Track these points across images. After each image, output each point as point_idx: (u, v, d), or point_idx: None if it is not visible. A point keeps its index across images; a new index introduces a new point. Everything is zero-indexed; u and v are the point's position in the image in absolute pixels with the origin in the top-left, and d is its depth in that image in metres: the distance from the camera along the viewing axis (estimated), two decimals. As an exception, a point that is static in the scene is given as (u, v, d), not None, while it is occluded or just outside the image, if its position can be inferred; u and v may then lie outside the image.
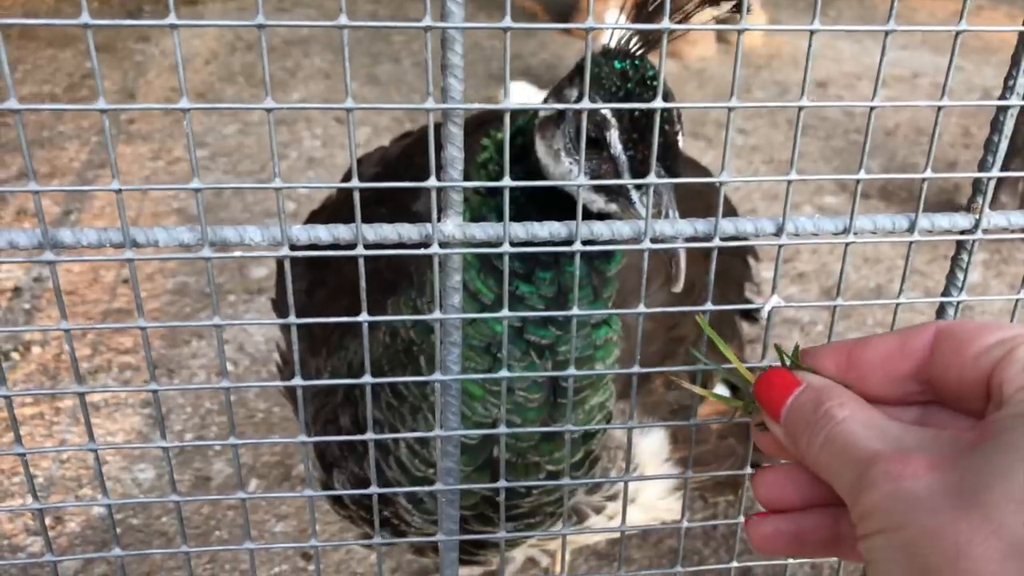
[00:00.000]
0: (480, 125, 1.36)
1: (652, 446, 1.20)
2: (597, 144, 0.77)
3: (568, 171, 0.81)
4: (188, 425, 2.24)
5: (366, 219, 0.60)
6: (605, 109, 0.72)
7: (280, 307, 1.48)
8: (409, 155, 1.39)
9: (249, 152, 3.65)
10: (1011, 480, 0.40)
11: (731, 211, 1.68)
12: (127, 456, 2.13)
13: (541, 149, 0.82)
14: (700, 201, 1.31)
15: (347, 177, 1.60)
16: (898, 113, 4.22)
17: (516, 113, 0.87)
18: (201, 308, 2.71)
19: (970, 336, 0.49)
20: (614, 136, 0.76)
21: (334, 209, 1.36)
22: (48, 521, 1.94)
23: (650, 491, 1.21)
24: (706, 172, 1.64)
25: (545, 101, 0.84)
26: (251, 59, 4.61)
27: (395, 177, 1.38)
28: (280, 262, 0.59)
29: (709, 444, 1.25)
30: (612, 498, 1.22)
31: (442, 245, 0.62)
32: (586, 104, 0.58)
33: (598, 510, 1.21)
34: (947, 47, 0.60)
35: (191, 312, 2.69)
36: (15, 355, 2.46)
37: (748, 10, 0.58)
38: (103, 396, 2.32)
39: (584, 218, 0.76)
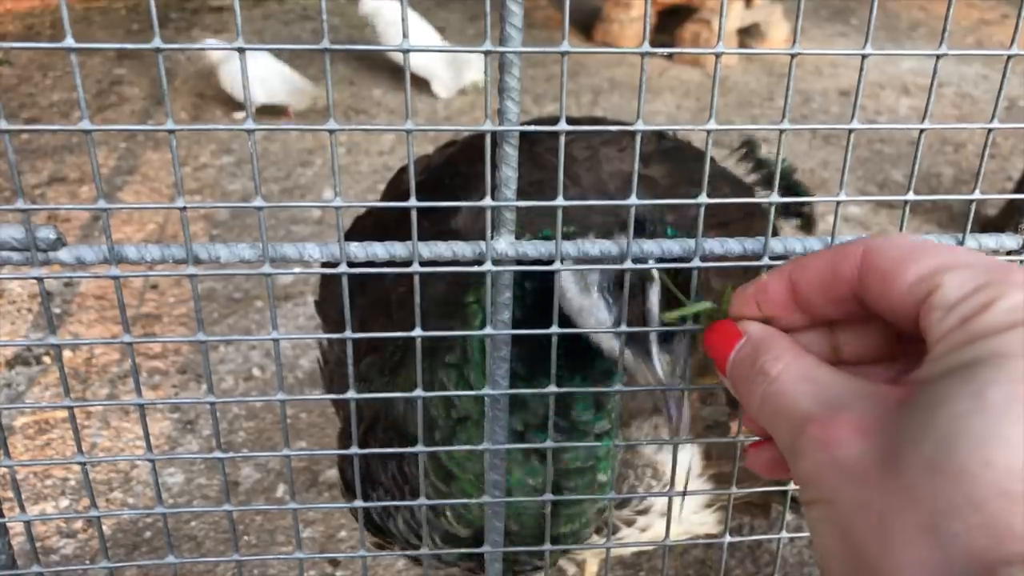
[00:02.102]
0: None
1: (685, 461, 1.20)
2: (631, 293, 0.75)
3: (596, 305, 0.78)
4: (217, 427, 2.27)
5: (406, 235, 0.61)
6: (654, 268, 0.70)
7: (324, 309, 1.50)
8: (453, 163, 1.40)
9: (275, 159, 3.69)
10: (924, 445, 0.37)
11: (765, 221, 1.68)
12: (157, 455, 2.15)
13: (569, 277, 0.79)
14: (741, 217, 1.32)
15: (392, 185, 1.62)
16: (922, 122, 4.19)
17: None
18: (229, 313, 2.74)
19: (894, 268, 0.45)
20: (654, 292, 0.72)
21: (379, 215, 1.38)
22: (79, 524, 1.97)
23: (683, 505, 1.21)
24: (747, 188, 1.64)
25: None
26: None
27: (439, 185, 1.39)
28: (326, 265, 0.60)
29: (742, 462, 1.25)
30: (643, 512, 1.22)
31: (495, 263, 0.63)
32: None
33: (629, 523, 1.22)
34: (972, 56, 0.60)
35: (218, 318, 2.72)
36: (46, 359, 2.49)
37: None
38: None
39: (587, 355, 0.77)
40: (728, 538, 0.77)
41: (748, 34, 5.10)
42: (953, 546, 0.35)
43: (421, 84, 4.37)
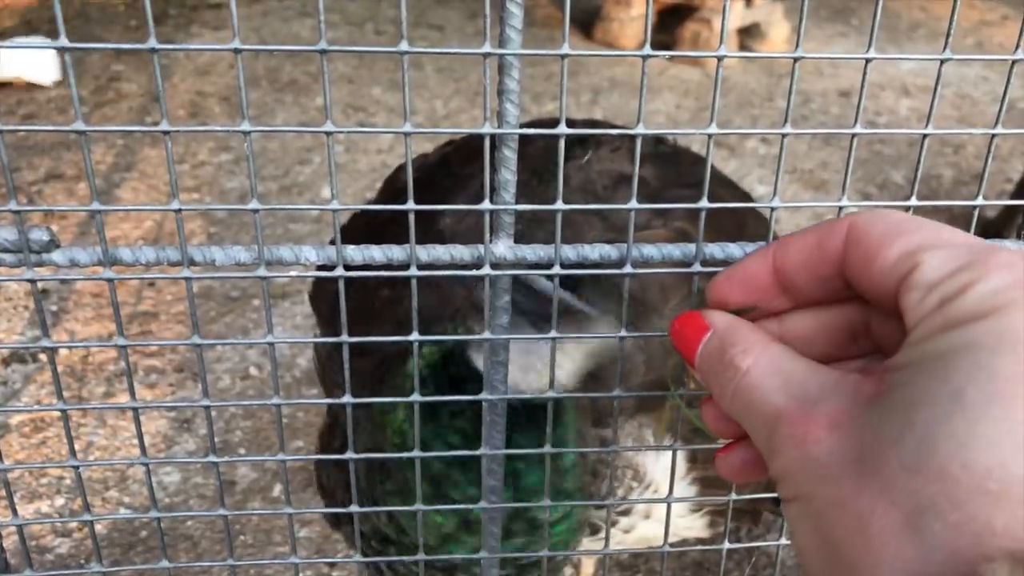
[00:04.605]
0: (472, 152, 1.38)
1: (668, 463, 1.19)
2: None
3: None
4: (212, 429, 2.26)
5: (398, 232, 0.61)
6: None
7: (317, 304, 1.50)
8: (447, 163, 1.40)
9: (273, 156, 3.68)
10: (903, 446, 0.37)
11: (760, 224, 1.68)
12: (152, 458, 2.14)
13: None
14: (734, 220, 1.31)
15: (388, 183, 1.62)
16: (922, 123, 4.19)
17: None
18: (226, 312, 2.73)
19: (876, 245, 0.44)
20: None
21: (373, 214, 1.38)
22: (74, 523, 1.96)
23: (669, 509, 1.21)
24: (747, 196, 1.63)
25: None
26: (274, 63, 4.65)
27: (430, 184, 1.39)
28: (322, 268, 0.61)
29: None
30: (625, 513, 1.22)
31: (493, 266, 0.63)
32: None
33: (612, 523, 1.21)
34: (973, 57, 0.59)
35: (215, 316, 2.71)
36: (43, 356, 2.48)
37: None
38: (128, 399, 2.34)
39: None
40: (727, 544, 0.76)
41: (748, 34, 5.09)
42: (934, 544, 0.35)
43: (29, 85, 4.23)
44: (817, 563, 0.41)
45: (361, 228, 1.39)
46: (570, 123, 0.58)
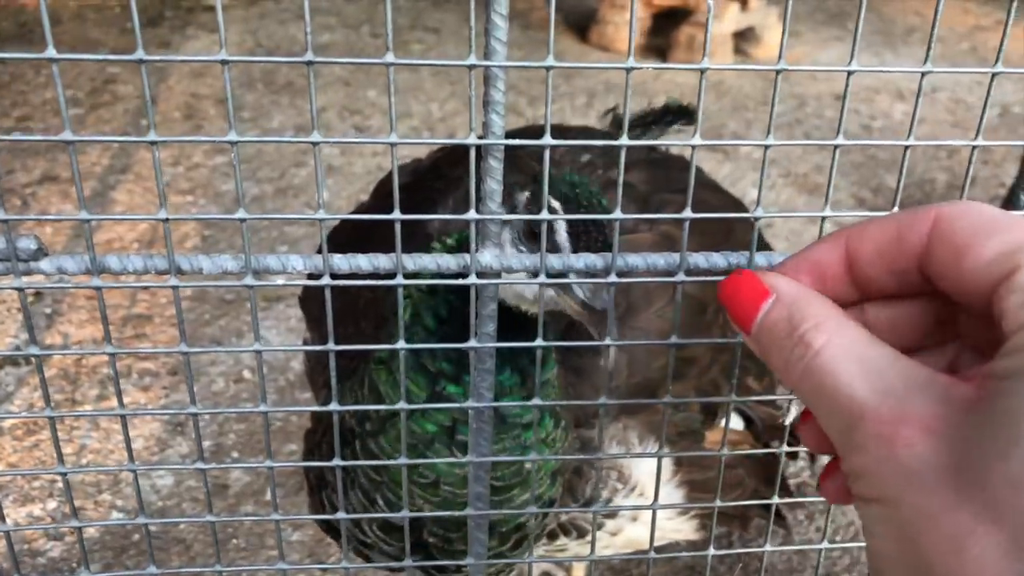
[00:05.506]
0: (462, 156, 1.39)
1: (653, 466, 1.20)
2: (536, 236, 0.81)
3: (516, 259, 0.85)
4: (206, 432, 2.26)
5: (386, 233, 0.61)
6: (555, 202, 0.79)
7: (307, 306, 1.51)
8: (437, 167, 1.41)
9: (268, 159, 3.68)
10: (1010, 460, 0.34)
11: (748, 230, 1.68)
12: (145, 462, 2.14)
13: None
14: (721, 224, 1.32)
15: (380, 186, 1.62)
16: (916, 127, 4.20)
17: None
18: (220, 315, 2.73)
19: (967, 241, 0.41)
20: (561, 225, 0.80)
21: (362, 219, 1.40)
22: (67, 527, 1.96)
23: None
24: (735, 201, 1.64)
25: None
26: (270, 66, 4.65)
27: (421, 187, 1.40)
28: (310, 276, 0.63)
29: (714, 471, 1.25)
30: (610, 515, 1.23)
31: (479, 275, 0.63)
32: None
33: (599, 526, 1.22)
34: (966, 62, 0.59)
35: (210, 319, 2.71)
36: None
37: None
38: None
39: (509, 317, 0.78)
40: (712, 551, 0.77)
41: (743, 38, 5.11)
42: None
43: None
44: (898, 571, 0.38)
45: (349, 230, 1.40)
46: (564, 129, 0.59)
